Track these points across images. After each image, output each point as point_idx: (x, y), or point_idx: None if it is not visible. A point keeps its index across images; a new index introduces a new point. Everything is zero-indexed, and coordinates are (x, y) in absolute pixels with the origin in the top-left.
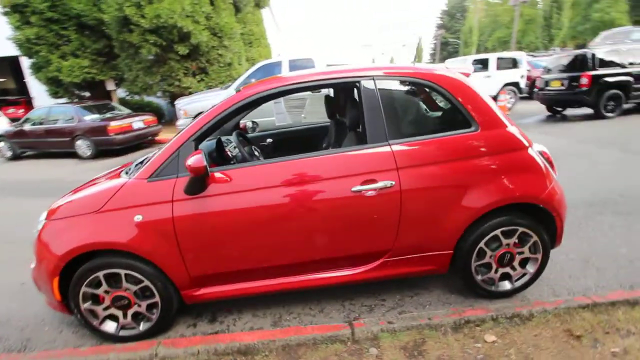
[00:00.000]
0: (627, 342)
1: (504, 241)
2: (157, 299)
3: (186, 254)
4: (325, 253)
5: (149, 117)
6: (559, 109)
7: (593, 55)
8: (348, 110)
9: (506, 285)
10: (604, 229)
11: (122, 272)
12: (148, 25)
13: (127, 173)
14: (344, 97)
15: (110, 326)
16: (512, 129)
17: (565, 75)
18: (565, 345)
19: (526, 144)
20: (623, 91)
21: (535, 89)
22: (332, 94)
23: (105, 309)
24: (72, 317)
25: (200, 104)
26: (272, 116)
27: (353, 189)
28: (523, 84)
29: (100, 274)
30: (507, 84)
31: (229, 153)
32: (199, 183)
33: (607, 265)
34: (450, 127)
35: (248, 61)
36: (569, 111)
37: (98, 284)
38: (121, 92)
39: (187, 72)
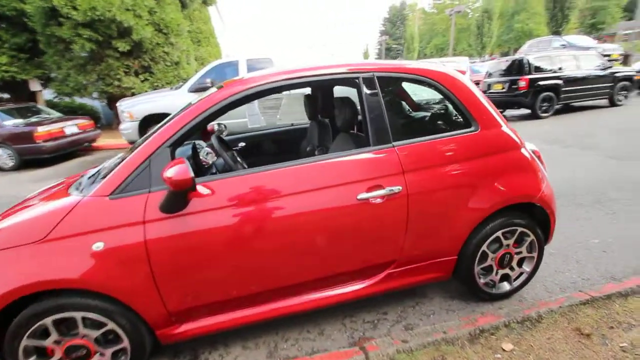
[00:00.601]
0: (631, 335)
1: (504, 242)
2: (125, 344)
3: (163, 285)
4: (329, 269)
5: (85, 121)
6: (500, 110)
7: (528, 60)
8: (339, 110)
9: (505, 286)
10: (571, 221)
11: (78, 315)
12: (81, 19)
13: (77, 189)
14: (325, 96)
15: None
16: (506, 128)
17: (505, 78)
18: (579, 346)
19: (520, 143)
20: (555, 93)
21: None
22: (311, 93)
23: None
24: None
25: (148, 105)
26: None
27: (359, 196)
28: None
29: (49, 320)
30: None
31: (203, 160)
32: (180, 198)
33: (584, 258)
34: (450, 127)
35: (197, 60)
36: (508, 112)
37: (45, 333)
38: (49, 94)
39: (128, 71)
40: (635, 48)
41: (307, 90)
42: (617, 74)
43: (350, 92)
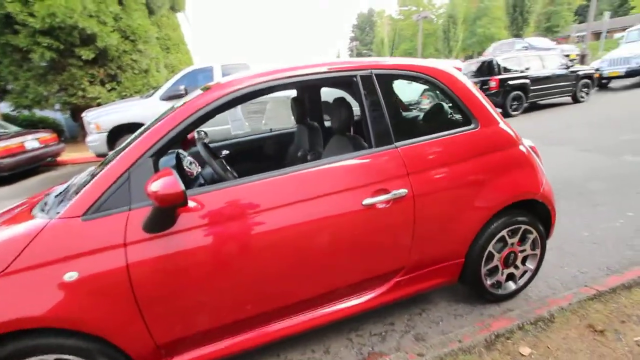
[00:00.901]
0: None
1: (509, 241)
2: None
3: (150, 315)
4: (336, 282)
5: (47, 135)
6: None
7: (497, 62)
8: (334, 111)
9: (511, 285)
10: (559, 215)
11: (50, 358)
12: (39, 26)
13: (43, 210)
14: (313, 98)
15: None
16: (504, 125)
17: (476, 79)
18: (595, 343)
19: (518, 139)
20: (523, 92)
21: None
22: (297, 96)
23: None
24: None
25: (117, 115)
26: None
27: (364, 202)
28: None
29: None
30: (426, 90)
31: (188, 171)
32: (167, 216)
33: (578, 251)
34: (450, 125)
35: (167, 68)
36: None
37: None
38: (5, 107)
39: (93, 80)
40: (590, 48)
41: (292, 94)
42: (579, 73)
43: (335, 94)
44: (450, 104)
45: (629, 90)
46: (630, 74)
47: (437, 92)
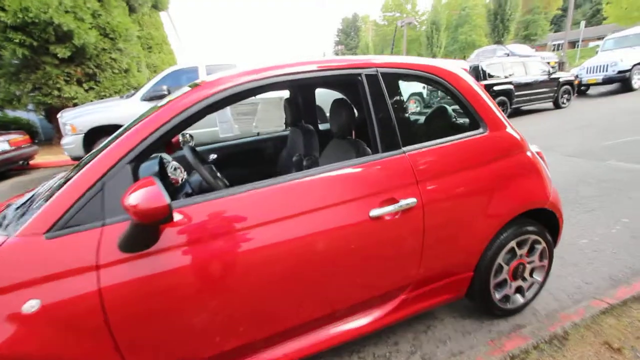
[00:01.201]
0: None
1: (518, 252)
2: None
3: (126, 347)
4: (336, 304)
5: (18, 136)
6: None
7: (482, 67)
8: (334, 113)
9: (519, 299)
10: None
11: None
12: (11, 21)
13: (0, 225)
14: (307, 100)
15: None
16: (511, 129)
17: None
18: None
19: (525, 145)
20: (508, 98)
21: (438, 98)
22: (290, 97)
23: None
24: None
25: (95, 116)
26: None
27: (371, 212)
28: (425, 93)
29: None
30: (413, 94)
31: (172, 178)
32: (149, 233)
33: (580, 260)
34: (457, 129)
35: (149, 68)
36: None
37: None
38: None
39: (69, 80)
40: (567, 56)
41: (284, 94)
42: (560, 79)
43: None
44: (457, 107)
45: (605, 97)
46: (606, 81)
47: (446, 94)
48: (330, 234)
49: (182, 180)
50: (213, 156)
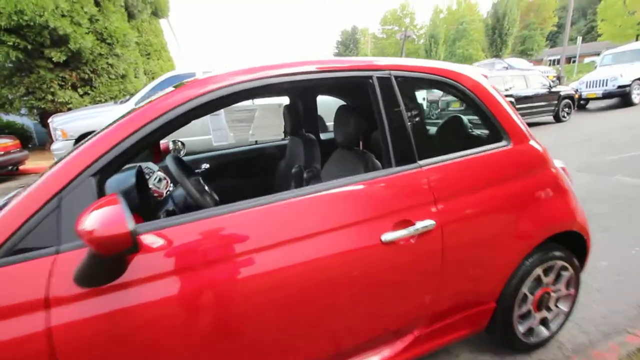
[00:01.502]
0: None
1: (544, 280)
2: None
3: None
4: (338, 343)
5: (8, 141)
6: None
7: None
8: (340, 121)
9: (543, 332)
10: None
11: None
12: (5, 23)
13: None
14: (308, 106)
15: None
16: (534, 142)
17: None
18: None
19: (550, 160)
20: None
21: (438, 110)
22: (291, 102)
23: None
24: None
25: (86, 121)
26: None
27: (384, 237)
28: (425, 105)
29: None
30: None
31: (155, 190)
32: (112, 264)
33: (603, 285)
34: (475, 142)
35: (147, 75)
36: None
37: None
38: None
39: (64, 84)
40: (564, 71)
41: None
42: (561, 93)
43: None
44: (477, 117)
45: (605, 111)
46: (606, 95)
47: (465, 102)
48: (335, 262)
49: (166, 193)
50: (205, 166)
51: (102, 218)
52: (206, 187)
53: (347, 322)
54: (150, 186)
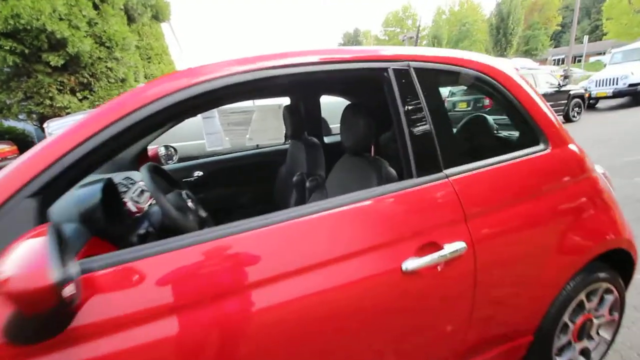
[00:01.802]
0: None
1: (587, 306)
2: None
3: None
4: None
5: (5, 147)
6: None
7: None
8: (348, 122)
9: None
10: None
11: None
12: (1, 27)
13: None
14: (311, 107)
15: None
16: (574, 145)
17: (469, 97)
18: None
19: (591, 165)
20: None
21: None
22: (292, 103)
23: None
24: None
25: None
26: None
27: (405, 265)
28: None
29: None
30: None
31: (137, 206)
32: (45, 320)
33: (638, 302)
34: (505, 145)
35: (147, 78)
36: None
37: None
38: None
39: (63, 89)
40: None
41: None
42: (571, 92)
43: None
44: (509, 116)
45: (615, 110)
46: (617, 94)
47: (496, 100)
48: (345, 297)
49: (146, 209)
50: (198, 174)
51: (20, 263)
52: (190, 203)
53: None
54: (127, 200)
